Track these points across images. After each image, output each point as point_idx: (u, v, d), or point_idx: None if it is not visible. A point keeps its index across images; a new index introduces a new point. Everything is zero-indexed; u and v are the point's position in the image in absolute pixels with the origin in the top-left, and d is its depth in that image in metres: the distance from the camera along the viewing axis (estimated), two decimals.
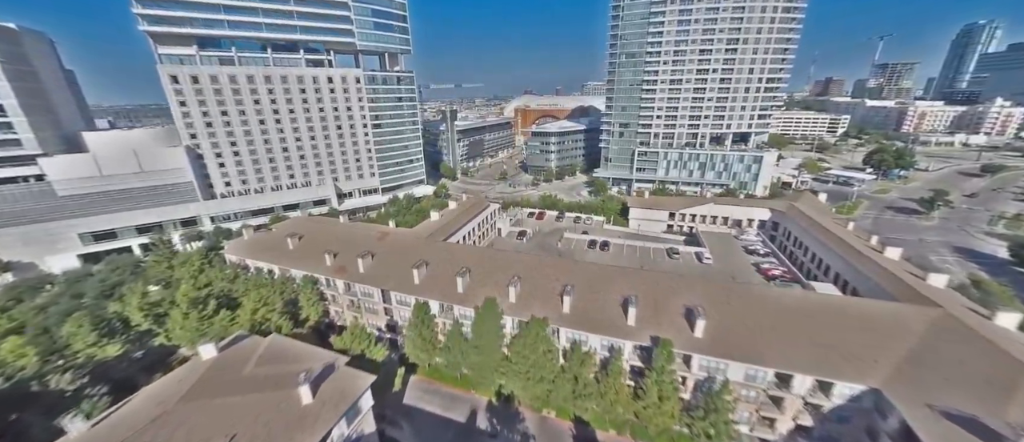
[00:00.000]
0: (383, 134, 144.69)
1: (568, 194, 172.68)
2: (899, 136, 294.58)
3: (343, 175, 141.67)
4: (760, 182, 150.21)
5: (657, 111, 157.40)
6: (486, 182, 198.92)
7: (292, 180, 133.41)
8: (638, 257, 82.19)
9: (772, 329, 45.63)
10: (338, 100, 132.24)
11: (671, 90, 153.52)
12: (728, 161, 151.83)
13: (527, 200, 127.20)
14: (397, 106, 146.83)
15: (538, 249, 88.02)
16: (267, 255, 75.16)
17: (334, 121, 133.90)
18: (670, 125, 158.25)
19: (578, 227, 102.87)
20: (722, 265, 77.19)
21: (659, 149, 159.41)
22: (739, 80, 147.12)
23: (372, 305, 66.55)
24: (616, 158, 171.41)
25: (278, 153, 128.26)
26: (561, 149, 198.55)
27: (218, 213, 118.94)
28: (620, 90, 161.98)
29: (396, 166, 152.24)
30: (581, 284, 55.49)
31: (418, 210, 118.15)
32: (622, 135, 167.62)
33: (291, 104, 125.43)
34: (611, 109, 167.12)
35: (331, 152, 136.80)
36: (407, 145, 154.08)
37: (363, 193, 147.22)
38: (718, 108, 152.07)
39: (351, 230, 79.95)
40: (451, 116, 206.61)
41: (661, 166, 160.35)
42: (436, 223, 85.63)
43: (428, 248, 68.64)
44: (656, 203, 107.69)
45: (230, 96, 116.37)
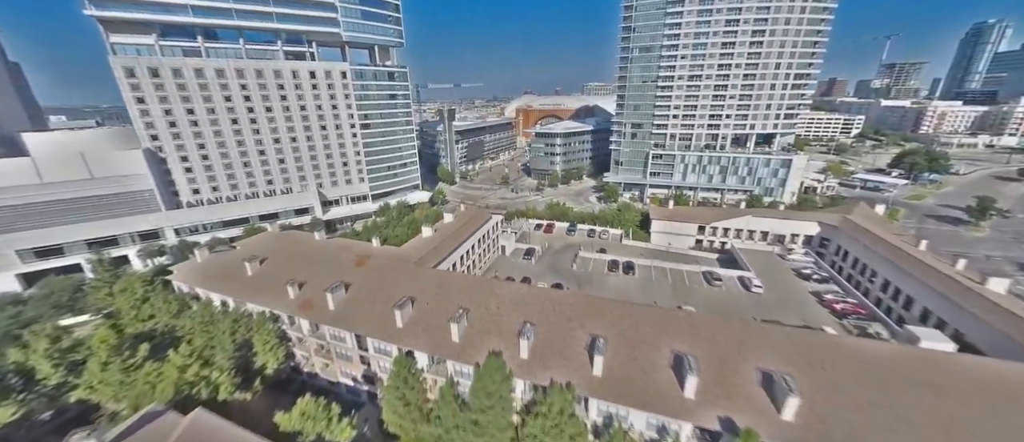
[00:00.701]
0: (373, 135, 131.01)
1: (576, 200, 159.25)
2: (917, 137, 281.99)
3: (328, 181, 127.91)
4: (788, 188, 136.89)
5: (673, 110, 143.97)
6: (486, 186, 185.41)
7: (270, 187, 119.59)
8: (670, 284, 68.58)
9: (901, 417, 31.97)
10: (322, 97, 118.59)
11: (689, 87, 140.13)
12: (753, 165, 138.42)
13: (532, 210, 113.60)
14: (389, 104, 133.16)
15: (549, 272, 74.38)
16: (220, 283, 61.42)
17: (318, 121, 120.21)
18: (688, 126, 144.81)
19: (593, 243, 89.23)
20: (775, 295, 63.57)
21: (675, 152, 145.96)
22: (764, 75, 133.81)
23: (345, 351, 52.85)
24: (628, 161, 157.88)
25: (254, 156, 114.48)
26: (567, 151, 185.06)
27: (184, 224, 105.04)
28: (633, 88, 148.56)
29: (388, 170, 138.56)
30: (614, 333, 41.88)
31: (411, 221, 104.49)
32: (634, 136, 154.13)
33: (268, 101, 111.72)
34: (622, 108, 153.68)
35: (315, 155, 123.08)
36: (400, 147, 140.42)
37: (351, 200, 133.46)
38: (741, 107, 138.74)
39: (325, 251, 66.24)
40: (449, 116, 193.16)
41: (677, 170, 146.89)
42: (428, 241, 71.97)
43: (416, 278, 54.96)
44: (683, 214, 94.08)
45: (196, 92, 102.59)
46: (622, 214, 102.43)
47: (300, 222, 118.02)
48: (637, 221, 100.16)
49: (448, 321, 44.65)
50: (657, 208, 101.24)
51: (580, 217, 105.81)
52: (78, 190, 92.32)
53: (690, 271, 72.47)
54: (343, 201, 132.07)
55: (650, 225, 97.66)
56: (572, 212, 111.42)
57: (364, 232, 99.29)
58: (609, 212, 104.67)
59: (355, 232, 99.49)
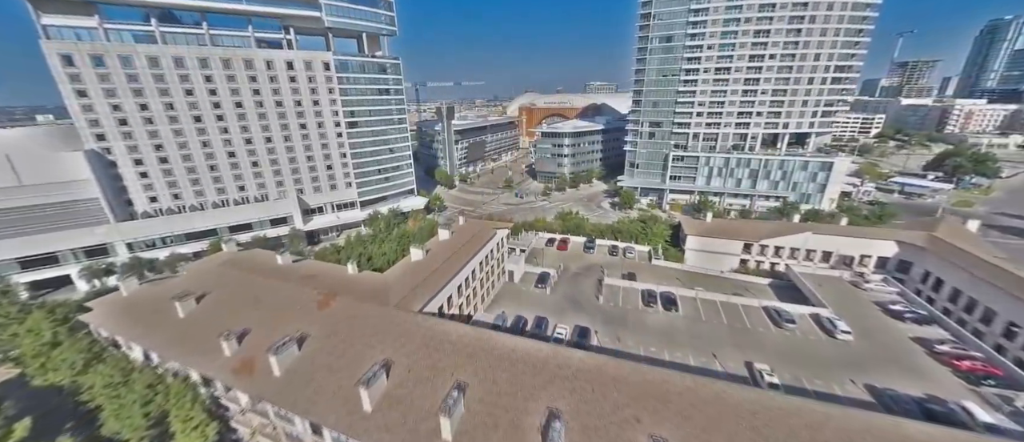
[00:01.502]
0: (361, 135, 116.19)
1: (587, 207, 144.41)
2: (944, 137, 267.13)
3: (310, 186, 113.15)
4: (827, 194, 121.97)
5: (698, 107, 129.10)
6: (488, 191, 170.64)
7: (242, 194, 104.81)
8: (726, 324, 53.68)
9: None
10: (301, 91, 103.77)
11: (716, 81, 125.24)
12: (787, 168, 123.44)
13: (542, 220, 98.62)
14: (379, 101, 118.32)
15: (569, 305, 59.50)
16: (143, 330, 46.70)
17: (297, 118, 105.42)
18: (713, 124, 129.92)
19: (618, 265, 74.29)
20: (868, 343, 48.69)
21: (699, 153, 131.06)
22: (802, 67, 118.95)
23: (294, 433, 38.10)
24: (645, 164, 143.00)
25: (222, 159, 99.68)
26: (576, 152, 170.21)
27: (139, 238, 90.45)
28: (651, 82, 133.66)
29: (379, 174, 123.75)
30: (691, 434, 27.08)
31: (401, 236, 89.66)
32: (652, 136, 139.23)
33: (237, 95, 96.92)
34: (639, 105, 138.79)
35: (294, 157, 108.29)
36: (392, 149, 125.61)
37: (336, 208, 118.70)
38: (774, 103, 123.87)
39: (285, 281, 51.45)
40: (447, 114, 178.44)
41: (701, 174, 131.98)
42: (418, 267, 57.21)
43: (396, 331, 40.18)
44: (725, 229, 79.08)
45: (151, 84, 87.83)
46: (648, 228, 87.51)
47: (276, 234, 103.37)
48: (666, 236, 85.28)
49: (437, 411, 29.84)
50: (691, 221, 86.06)
51: (598, 230, 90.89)
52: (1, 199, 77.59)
53: (747, 305, 57.57)
54: (327, 209, 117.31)
55: (682, 240, 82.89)
56: (587, 223, 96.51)
57: (345, 249, 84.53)
58: (631, 225, 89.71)
59: (336, 248, 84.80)
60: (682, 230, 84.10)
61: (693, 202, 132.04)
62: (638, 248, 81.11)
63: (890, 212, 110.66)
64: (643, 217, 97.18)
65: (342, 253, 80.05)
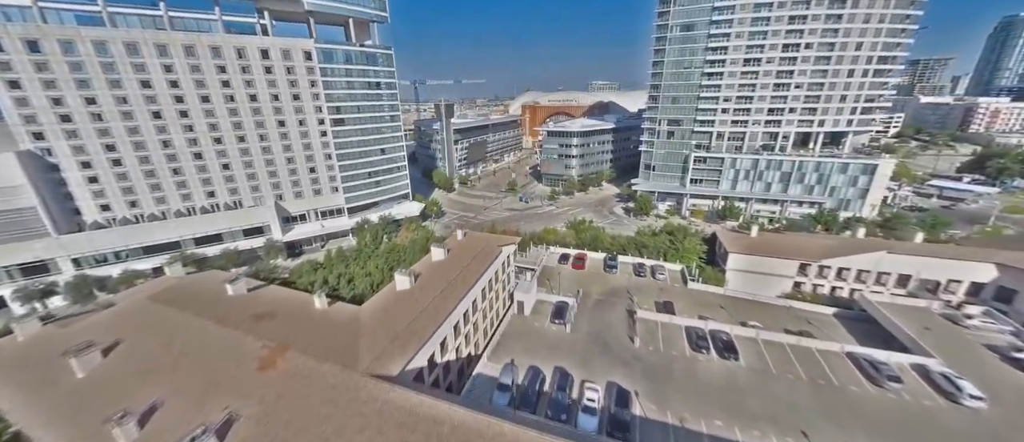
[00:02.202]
0: (348, 134, 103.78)
1: (597, 213, 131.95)
2: (969, 137, 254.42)
3: (291, 191, 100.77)
4: (868, 200, 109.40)
5: (722, 103, 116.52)
6: (490, 194, 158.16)
7: (212, 201, 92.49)
8: (805, 379, 41.06)
9: None
10: (279, 83, 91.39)
11: (744, 74, 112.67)
12: (824, 171, 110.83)
13: (552, 231, 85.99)
14: (369, 95, 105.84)
15: (596, 349, 46.86)
16: (24, 396, 34.27)
17: (274, 114, 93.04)
18: (740, 122, 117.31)
19: (648, 289, 61.70)
20: (1003, 410, 36.09)
21: (723, 154, 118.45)
22: (842, 58, 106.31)
23: None
24: (662, 166, 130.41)
25: (186, 161, 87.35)
26: (585, 153, 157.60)
27: (87, 253, 78.19)
28: (670, 76, 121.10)
29: (369, 178, 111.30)
30: None
31: (391, 250, 77.16)
32: (671, 136, 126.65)
33: (203, 88, 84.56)
34: (656, 101, 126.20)
35: (271, 159, 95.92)
36: (384, 148, 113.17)
37: (321, 216, 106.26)
38: (809, 98, 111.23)
39: (223, 327, 38.94)
40: (446, 112, 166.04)
41: (726, 177, 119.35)
42: (405, 300, 44.96)
43: (364, 410, 27.74)
44: (774, 246, 66.35)
45: (98, 74, 75.53)
46: (677, 242, 74.93)
47: (251, 246, 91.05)
48: (701, 253, 72.66)
49: None
50: (732, 235, 73.12)
51: (619, 245, 78.36)
52: None
53: (825, 350, 44.94)
54: (310, 217, 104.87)
55: (720, 258, 70.37)
56: (604, 236, 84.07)
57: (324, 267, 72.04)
58: (657, 238, 77.12)
59: (313, 266, 72.31)
60: (720, 246, 71.61)
61: (717, 208, 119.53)
62: (668, 267, 68.49)
63: (944, 221, 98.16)
64: (668, 228, 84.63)
65: (319, 272, 67.53)
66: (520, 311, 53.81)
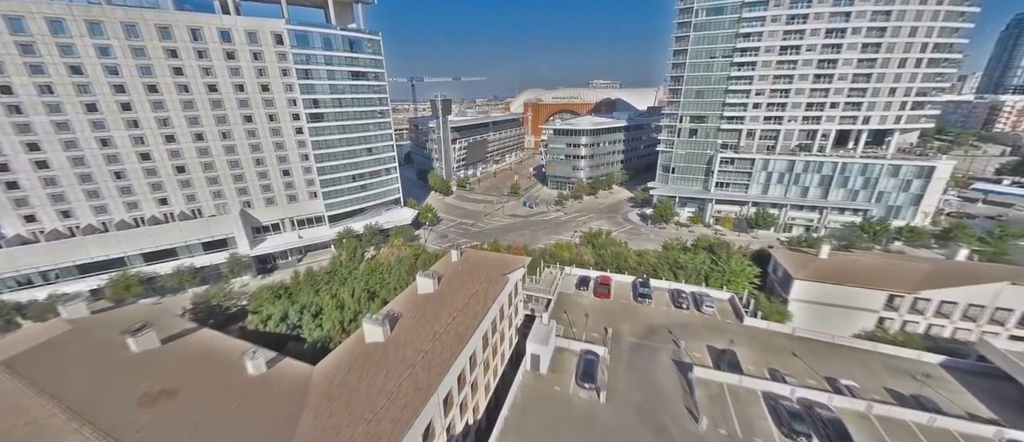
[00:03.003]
0: (329, 131, 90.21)
1: (610, 219, 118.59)
2: (993, 136, 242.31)
3: (261, 197, 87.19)
4: (922, 207, 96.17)
5: (754, 98, 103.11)
6: (491, 198, 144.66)
7: (164, 209, 78.93)
8: None
9: None
10: (244, 71, 77.81)
11: (780, 64, 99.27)
12: (871, 174, 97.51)
13: (565, 248, 72.30)
14: (353, 87, 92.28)
15: (642, 430, 33.27)
16: None
17: (239, 108, 79.46)
18: (774, 118, 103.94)
19: (694, 325, 48.28)
20: None
21: (754, 155, 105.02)
22: (893, 45, 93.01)
23: None
24: (683, 168, 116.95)
25: (131, 162, 73.75)
26: (595, 153, 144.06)
27: (5, 273, 64.55)
28: (694, 66, 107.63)
29: (353, 181, 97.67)
30: None
31: (371, 271, 63.58)
32: (694, 134, 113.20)
33: (150, 75, 70.95)
34: (677, 95, 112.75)
35: (236, 160, 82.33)
36: (372, 149, 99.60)
37: (297, 224, 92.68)
38: (854, 92, 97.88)
39: (84, 426, 25.46)
40: (443, 108, 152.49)
41: (757, 180, 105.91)
42: (375, 357, 31.64)
43: None
44: (854, 272, 52.69)
45: (13, 55, 61.82)
46: (722, 261, 61.45)
47: (211, 261, 77.56)
48: (754, 276, 59.07)
49: None
50: (795, 257, 58.78)
51: (649, 264, 64.75)
52: None
53: (972, 435, 31.57)
54: (285, 226, 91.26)
55: (779, 283, 56.94)
56: (627, 251, 70.64)
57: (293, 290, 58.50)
58: (695, 257, 63.55)
59: (276, 293, 58.73)
60: (776, 267, 58.12)
61: (746, 215, 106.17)
62: (714, 294, 54.96)
63: (1014, 232, 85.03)
64: (705, 242, 71.15)
65: (279, 304, 53.96)
66: (535, 367, 40.18)
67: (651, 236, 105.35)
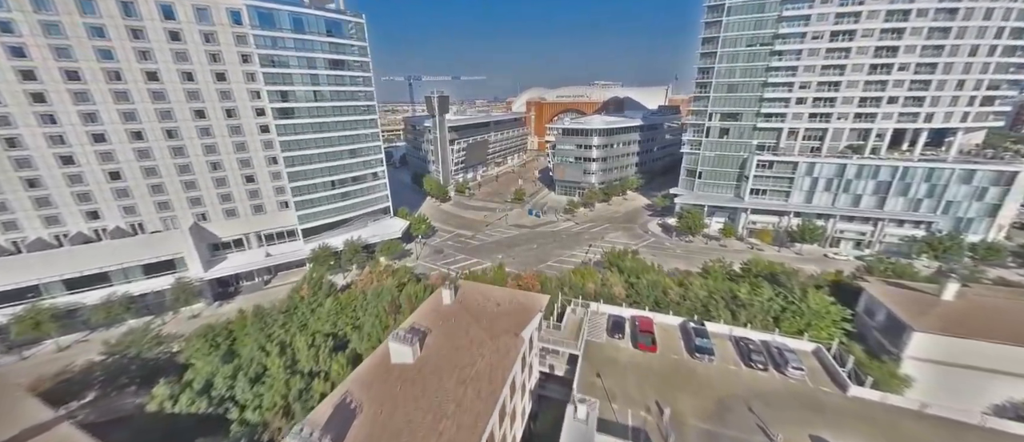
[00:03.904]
0: (301, 129, 76.26)
1: (627, 231, 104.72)
2: None
3: (218, 208, 73.12)
4: (998, 219, 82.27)
5: (798, 92, 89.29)
6: (493, 204, 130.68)
7: (94, 223, 64.83)
8: None
9: None
10: (192, 55, 63.84)
11: (831, 53, 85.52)
12: (937, 181, 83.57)
13: (587, 275, 57.86)
14: (332, 77, 78.39)
15: None
16: None
17: (187, 100, 65.45)
18: (821, 115, 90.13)
19: (780, 399, 34.31)
20: None
21: (796, 158, 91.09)
22: (964, 31, 79.27)
23: None
24: (711, 173, 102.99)
25: (48, 167, 59.70)
26: (607, 156, 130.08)
27: None
28: (727, 56, 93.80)
29: (333, 188, 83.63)
30: None
31: (341, 308, 49.51)
32: (725, 134, 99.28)
33: (69, 59, 56.99)
34: (705, 90, 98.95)
35: (186, 164, 68.28)
36: (354, 149, 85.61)
37: (264, 240, 78.60)
38: (916, 84, 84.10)
39: None
40: (440, 106, 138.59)
41: (799, 187, 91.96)
42: None
43: None
44: (997, 319, 38.53)
45: None
46: (791, 294, 47.34)
47: (153, 287, 63.52)
48: (841, 316, 44.84)
49: None
50: (903, 294, 43.54)
51: (697, 298, 50.53)
52: None
53: None
54: (250, 242, 77.14)
55: (884, 334, 42.77)
56: (666, 279, 56.55)
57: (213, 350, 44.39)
58: (757, 290, 49.35)
59: (208, 343, 44.73)
60: (873, 309, 43.95)
61: (787, 228, 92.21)
62: (794, 346, 40.91)
63: None
64: (762, 266, 57.09)
65: (200, 370, 39.80)
66: None
67: (677, 251, 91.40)
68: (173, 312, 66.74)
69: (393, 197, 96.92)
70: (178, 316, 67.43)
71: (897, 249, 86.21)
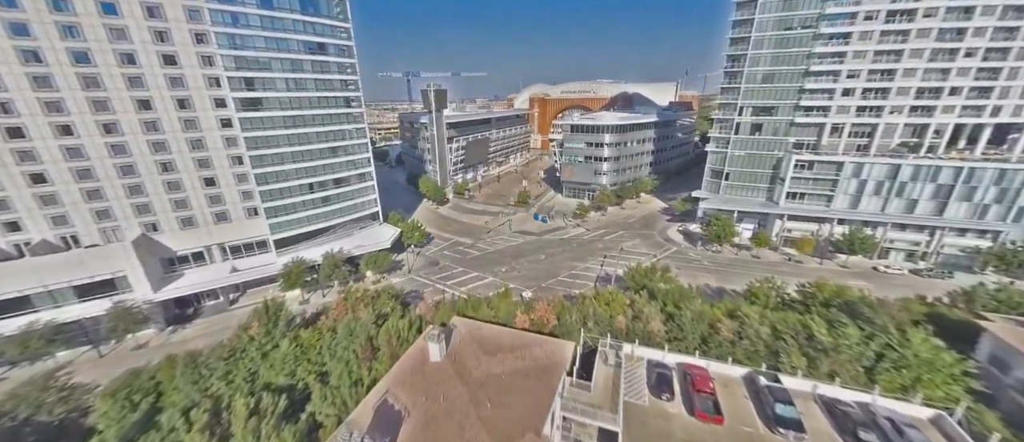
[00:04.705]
0: (272, 123, 65.17)
1: (644, 238, 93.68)
2: None
3: (172, 216, 62.04)
4: None
5: (846, 81, 78.00)
6: (494, 207, 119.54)
7: (15, 237, 53.81)
8: None
9: None
10: (133, 33, 52.78)
11: (885, 37, 74.19)
12: (1009, 184, 72.23)
13: (617, 303, 46.55)
14: (308, 63, 67.26)
15: None
16: None
17: (128, 88, 54.40)
18: (871, 109, 78.81)
19: None
20: None
21: (841, 157, 79.82)
22: None
23: None
24: (740, 174, 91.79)
25: None
26: (620, 155, 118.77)
27: None
28: (761, 43, 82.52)
29: (310, 192, 72.55)
30: None
31: (300, 351, 38.46)
32: (758, 130, 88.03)
33: None
34: (734, 80, 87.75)
35: (129, 164, 57.25)
36: (335, 148, 74.49)
37: (229, 253, 67.59)
38: (983, 74, 72.77)
39: None
40: (437, 100, 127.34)
41: (844, 190, 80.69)
42: None
43: None
44: None
45: None
46: (888, 336, 36.16)
47: (87, 313, 52.64)
48: (962, 371, 33.88)
49: None
50: None
51: (756, 337, 39.36)
52: None
53: None
54: (212, 255, 66.12)
55: (986, 373, 31.78)
56: (714, 311, 45.35)
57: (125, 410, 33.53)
58: (843, 330, 37.99)
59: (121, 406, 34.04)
60: (1003, 358, 32.93)
61: (829, 236, 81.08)
62: (902, 410, 29.93)
63: None
64: (828, 291, 46.07)
65: (136, 410, 28.88)
66: None
67: (705, 263, 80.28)
68: (115, 342, 56.02)
69: (387, 199, 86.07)
70: (122, 346, 56.71)
71: (957, 262, 75.45)
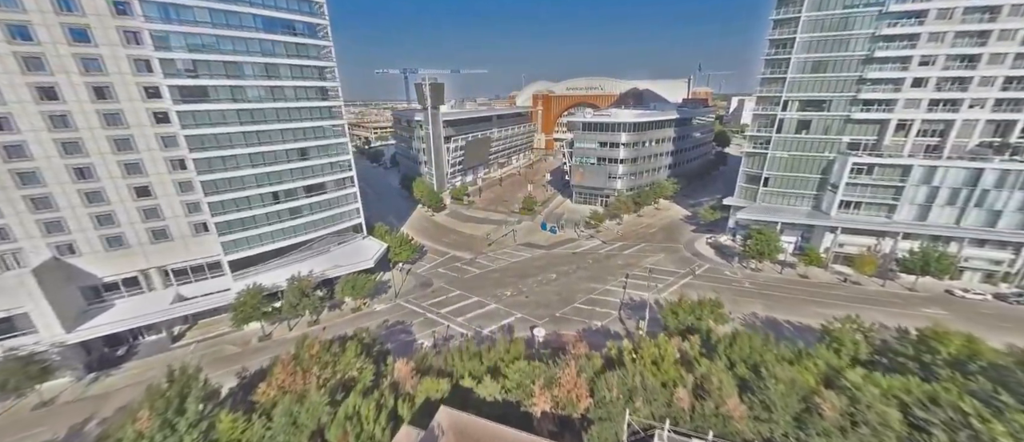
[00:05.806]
0: (224, 119, 52.80)
1: (669, 252, 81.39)
2: None
3: (94, 234, 49.68)
4: None
5: (915, 70, 65.48)
6: (497, 215, 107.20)
7: None
8: None
9: None
10: (27, 2, 40.34)
11: (968, 16, 61.69)
12: None
13: (670, 364, 34.05)
14: (269, 43, 54.92)
15: None
16: None
17: (26, 71, 42.14)
18: (945, 103, 66.30)
19: None
20: None
21: (906, 160, 67.34)
22: None
23: None
24: (782, 179, 79.34)
25: None
26: (638, 156, 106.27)
27: None
28: (810, 25, 70.02)
29: (275, 202, 60.15)
30: None
31: None
32: (805, 129, 75.56)
33: None
34: (775, 69, 75.29)
35: (32, 170, 44.92)
36: (305, 149, 62.05)
37: (174, 276, 55.24)
38: None
39: None
40: (433, 96, 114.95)
41: (908, 199, 68.23)
42: None
43: None
44: None
45: None
46: None
47: None
48: None
49: None
50: None
51: (882, 428, 26.89)
52: None
53: None
54: (150, 280, 53.75)
55: None
56: (805, 375, 32.77)
57: None
58: (1010, 424, 25.56)
59: None
60: None
61: (892, 253, 68.60)
62: None
63: None
64: (959, 347, 33.87)
65: None
66: None
67: (747, 285, 67.78)
68: (16, 398, 43.70)
69: (380, 205, 74.68)
70: (21, 404, 44.38)
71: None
